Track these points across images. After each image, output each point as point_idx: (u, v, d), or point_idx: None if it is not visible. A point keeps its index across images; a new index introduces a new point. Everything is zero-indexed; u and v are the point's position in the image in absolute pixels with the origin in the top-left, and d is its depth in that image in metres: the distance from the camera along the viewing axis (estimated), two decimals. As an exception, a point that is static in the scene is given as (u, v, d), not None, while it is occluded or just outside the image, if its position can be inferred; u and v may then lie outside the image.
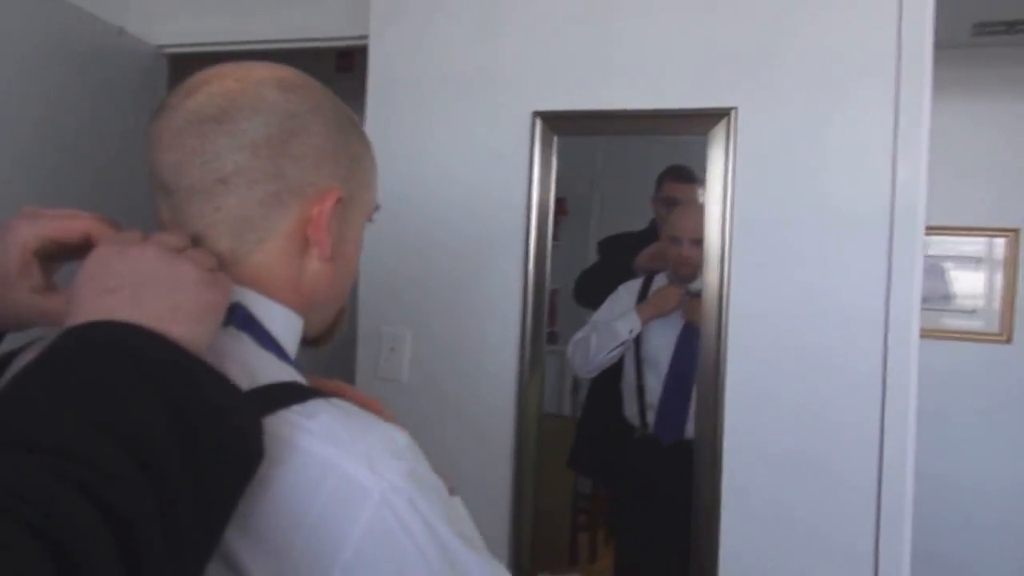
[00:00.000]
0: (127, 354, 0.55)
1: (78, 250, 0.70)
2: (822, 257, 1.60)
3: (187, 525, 0.52)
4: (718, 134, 1.65)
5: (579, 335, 1.85)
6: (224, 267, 0.69)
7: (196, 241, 0.70)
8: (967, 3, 2.71)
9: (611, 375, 1.87)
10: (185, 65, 2.44)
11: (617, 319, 1.84)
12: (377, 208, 0.84)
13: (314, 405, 0.63)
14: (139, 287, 0.60)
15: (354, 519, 0.58)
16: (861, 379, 1.58)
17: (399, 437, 0.65)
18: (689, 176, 1.76)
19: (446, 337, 1.88)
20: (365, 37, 1.98)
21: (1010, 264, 3.29)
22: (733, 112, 1.64)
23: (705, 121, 1.66)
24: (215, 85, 0.71)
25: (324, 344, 0.84)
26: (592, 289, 1.86)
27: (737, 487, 1.66)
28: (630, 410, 1.86)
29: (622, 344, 1.83)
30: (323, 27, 2.19)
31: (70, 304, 0.61)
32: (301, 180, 0.72)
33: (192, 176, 0.70)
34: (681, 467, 1.71)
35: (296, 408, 0.62)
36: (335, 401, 0.65)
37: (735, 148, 1.64)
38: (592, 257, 1.89)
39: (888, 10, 1.56)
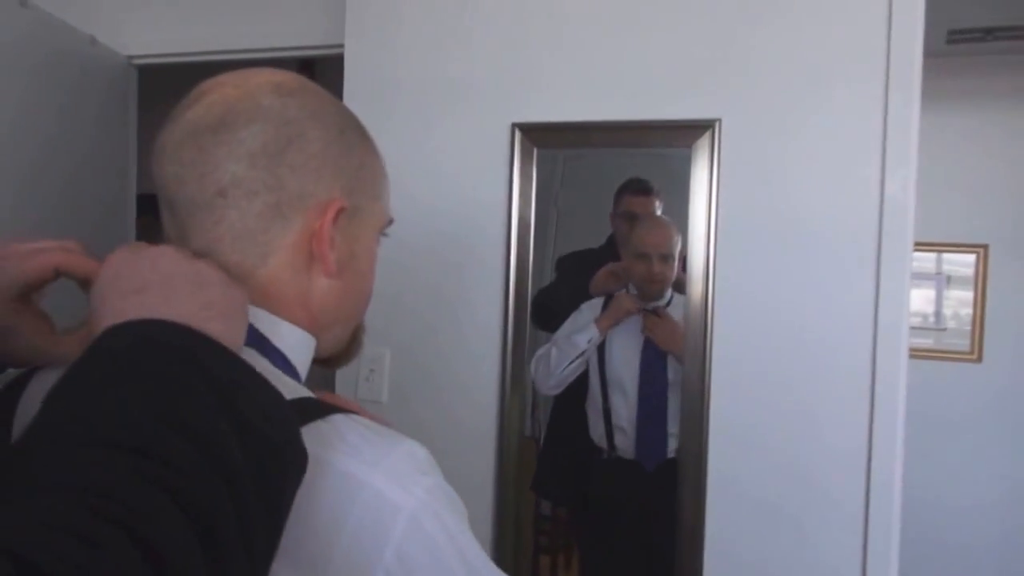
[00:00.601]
0: (179, 351, 0.53)
1: (54, 279, 0.69)
2: (808, 271, 1.56)
3: (255, 524, 0.50)
4: (702, 147, 1.61)
5: (540, 351, 1.78)
6: None
7: (201, 256, 0.65)
8: (943, 9, 2.58)
9: (575, 396, 1.80)
10: (155, 76, 2.42)
11: (576, 332, 1.77)
12: (391, 221, 0.80)
13: (336, 421, 0.62)
14: (167, 286, 0.58)
15: (387, 536, 0.57)
16: (848, 394, 1.54)
17: (420, 451, 0.63)
18: (648, 189, 1.70)
19: (425, 356, 1.82)
20: (337, 46, 1.93)
21: (980, 281, 3.26)
22: (717, 124, 1.60)
23: (689, 133, 1.61)
24: (214, 94, 0.69)
25: (341, 364, 0.81)
26: (549, 309, 1.77)
27: (722, 503, 1.60)
28: (596, 432, 1.80)
29: (582, 354, 1.76)
30: (294, 36, 2.13)
31: (93, 310, 0.58)
32: (301, 190, 0.68)
33: (192, 189, 0.67)
34: (654, 489, 1.65)
35: (319, 424, 0.60)
36: (355, 417, 0.64)
37: (719, 161, 1.60)
38: (549, 275, 1.80)
39: (876, 20, 1.52)
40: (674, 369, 1.68)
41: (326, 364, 0.79)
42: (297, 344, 0.71)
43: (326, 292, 0.71)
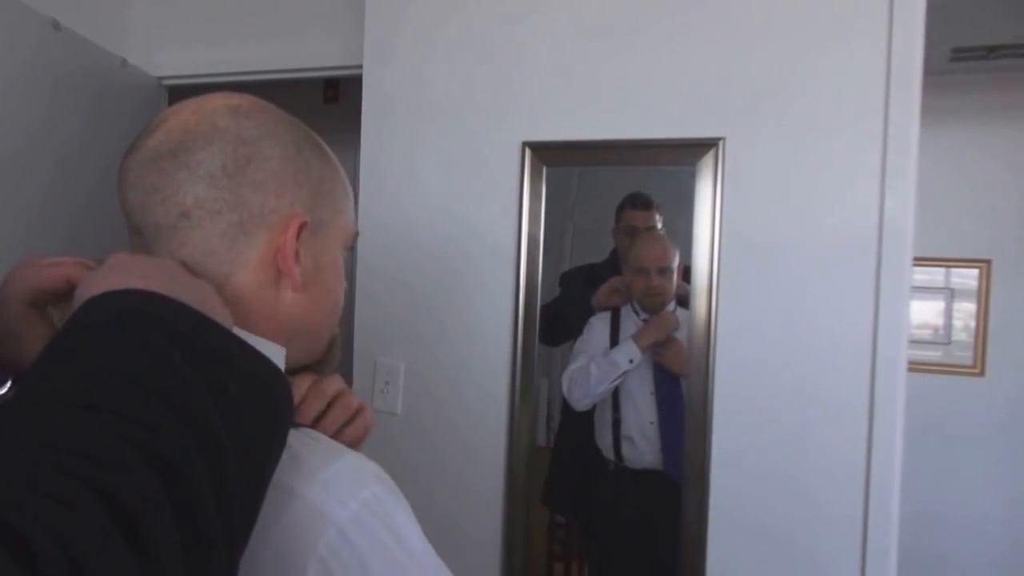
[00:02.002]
0: (154, 318, 0.54)
1: (66, 295, 0.70)
2: (810, 287, 1.54)
3: (232, 486, 0.50)
4: (706, 164, 1.60)
5: (574, 366, 1.75)
6: None
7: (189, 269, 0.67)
8: (946, 28, 2.57)
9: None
10: (184, 96, 2.43)
11: (615, 350, 1.74)
12: (355, 235, 0.79)
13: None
14: (171, 281, 0.58)
15: (312, 549, 0.56)
16: (848, 408, 1.52)
17: (366, 465, 0.63)
18: (647, 203, 1.69)
19: (438, 369, 1.81)
20: (357, 67, 1.94)
21: (983, 295, 3.22)
22: (721, 142, 1.59)
23: (693, 151, 1.61)
24: (171, 120, 0.69)
25: (318, 374, 0.80)
26: (553, 324, 1.75)
27: (724, 518, 1.59)
28: (603, 442, 1.77)
29: (623, 374, 1.73)
30: (315, 57, 2.15)
31: (86, 287, 0.58)
32: (263, 207, 0.68)
33: (157, 214, 0.67)
34: (657, 499, 1.64)
35: None
36: (306, 430, 0.64)
37: (723, 178, 1.59)
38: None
39: (876, 38, 1.51)
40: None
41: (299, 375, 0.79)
42: (271, 354, 0.70)
43: (292, 305, 0.71)
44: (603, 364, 1.74)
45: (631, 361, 1.72)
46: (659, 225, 1.67)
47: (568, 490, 1.84)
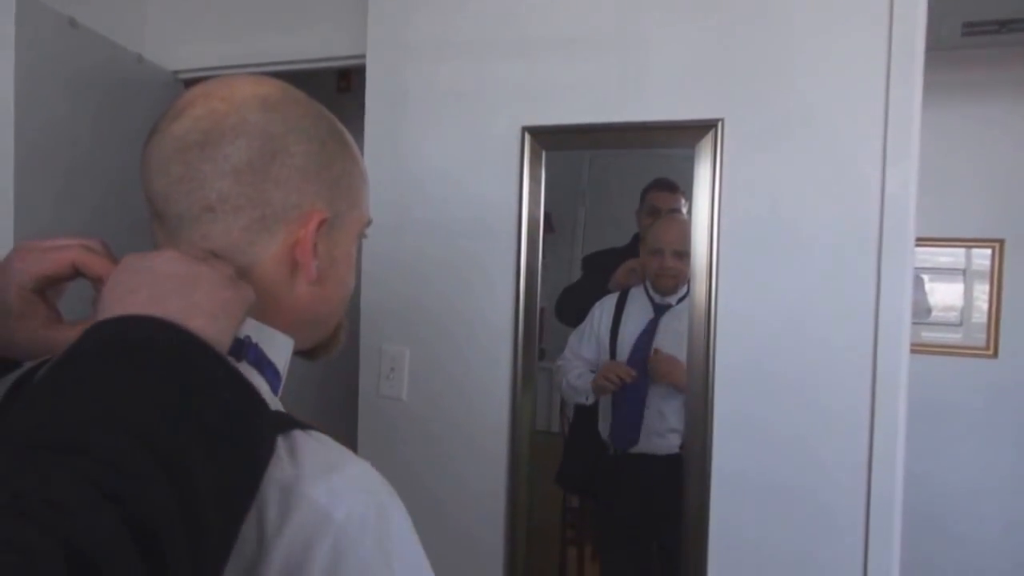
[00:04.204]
0: (146, 348, 0.52)
1: (72, 278, 0.69)
2: (810, 270, 1.47)
3: (206, 524, 0.47)
4: (705, 147, 1.53)
5: (560, 360, 1.74)
6: None
7: (217, 256, 0.66)
8: (957, 2, 2.46)
9: None
10: None
11: (579, 375, 1.72)
12: (369, 222, 0.77)
13: (294, 436, 0.59)
14: (157, 287, 0.57)
15: (317, 549, 0.54)
16: (849, 392, 1.45)
17: (370, 472, 0.60)
18: (673, 186, 1.63)
19: (442, 354, 1.77)
20: (363, 56, 1.89)
21: (996, 276, 3.07)
22: (719, 124, 1.52)
23: (692, 133, 1.54)
24: (199, 107, 0.66)
25: (321, 357, 0.80)
26: (573, 306, 1.73)
27: (725, 500, 1.52)
28: (604, 427, 1.72)
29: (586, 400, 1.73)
30: (327, 48, 2.11)
31: (95, 313, 0.57)
32: (285, 203, 0.67)
33: (180, 204, 0.66)
34: (658, 483, 1.58)
35: (276, 438, 0.58)
36: (314, 433, 0.61)
37: (722, 160, 1.52)
38: (577, 274, 1.75)
39: (878, 18, 1.43)
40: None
41: (306, 355, 0.78)
42: (281, 349, 0.70)
43: (306, 296, 0.70)
44: (571, 383, 1.73)
45: (587, 399, 1.72)
46: (683, 210, 1.60)
47: (579, 472, 1.79)
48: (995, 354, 3.03)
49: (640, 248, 1.69)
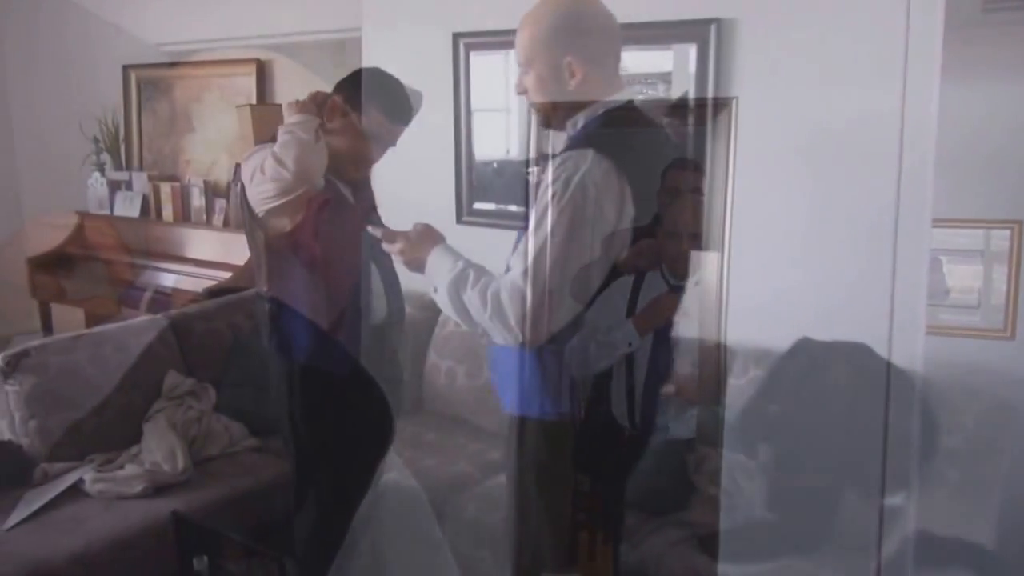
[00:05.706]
0: None
1: None
2: (824, 250, 1.43)
3: None
4: (721, 124, 1.48)
5: (574, 341, 1.59)
6: None
7: None
8: None
9: (607, 373, 1.64)
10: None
11: (615, 329, 1.59)
12: None
13: None
14: None
15: None
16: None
17: None
18: (694, 165, 1.56)
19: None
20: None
21: (1014, 257, 2.97)
22: (734, 102, 1.47)
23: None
24: None
25: None
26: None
27: (737, 484, 1.50)
28: (618, 409, 1.65)
29: (620, 355, 1.59)
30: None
31: None
32: None
33: None
34: (672, 467, 1.55)
35: None
36: None
37: (735, 139, 1.47)
38: None
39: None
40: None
41: None
42: None
43: None
44: (601, 345, 1.60)
45: (630, 344, 1.58)
46: (704, 189, 1.54)
47: (592, 455, 1.75)
48: (1012, 336, 2.94)
49: (657, 230, 1.59)
